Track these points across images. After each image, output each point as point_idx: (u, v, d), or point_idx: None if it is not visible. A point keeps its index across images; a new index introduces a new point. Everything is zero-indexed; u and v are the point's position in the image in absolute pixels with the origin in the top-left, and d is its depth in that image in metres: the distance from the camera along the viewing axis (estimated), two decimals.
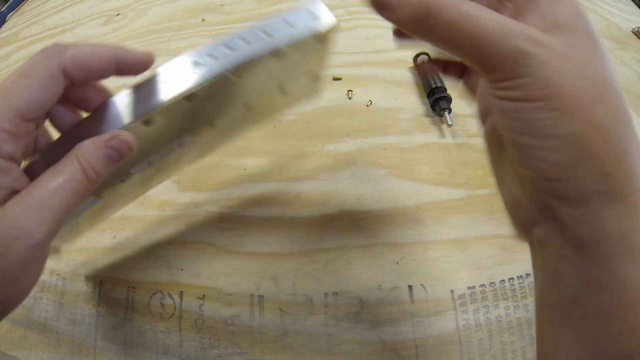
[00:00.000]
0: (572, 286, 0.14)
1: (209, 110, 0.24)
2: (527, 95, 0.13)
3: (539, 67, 0.13)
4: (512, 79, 0.13)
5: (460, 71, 0.21)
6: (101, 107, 0.19)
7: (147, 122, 0.19)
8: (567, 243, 0.14)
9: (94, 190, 0.18)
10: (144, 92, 0.19)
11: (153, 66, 0.20)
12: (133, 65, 0.19)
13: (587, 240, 0.14)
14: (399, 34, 0.20)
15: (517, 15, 0.15)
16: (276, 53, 0.21)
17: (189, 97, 0.20)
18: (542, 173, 0.14)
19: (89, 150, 0.17)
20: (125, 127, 0.19)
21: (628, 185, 0.13)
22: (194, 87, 0.19)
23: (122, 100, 0.19)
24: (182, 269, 0.32)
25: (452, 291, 0.31)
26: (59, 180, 0.16)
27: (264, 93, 0.26)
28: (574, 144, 0.13)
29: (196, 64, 0.20)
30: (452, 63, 0.21)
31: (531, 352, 0.30)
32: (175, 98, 0.19)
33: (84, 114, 0.20)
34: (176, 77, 0.19)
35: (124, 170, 0.22)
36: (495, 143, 0.18)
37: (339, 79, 0.42)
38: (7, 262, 0.15)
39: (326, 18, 0.21)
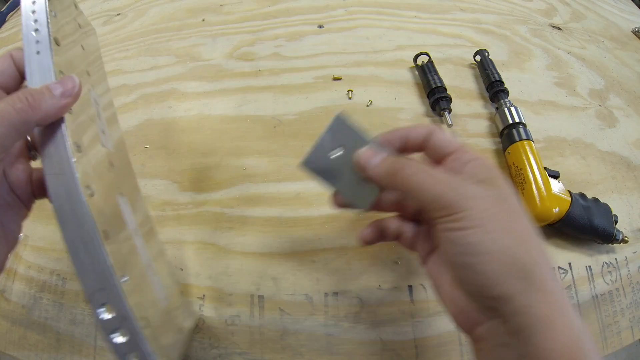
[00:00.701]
0: None
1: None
2: (468, 225, 0.19)
3: (475, 205, 0.19)
4: (456, 214, 0.19)
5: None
6: None
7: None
8: (507, 333, 0.18)
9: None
10: None
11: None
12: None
13: (522, 327, 0.18)
14: (337, 203, 0.26)
15: (453, 174, 0.21)
16: None
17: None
18: (484, 282, 0.19)
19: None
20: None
21: (544, 278, 0.18)
22: None
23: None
24: (182, 269, 0.32)
25: None
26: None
27: None
28: (505, 254, 0.18)
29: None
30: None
31: None
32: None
33: None
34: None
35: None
36: (439, 274, 0.22)
37: (339, 79, 0.42)
38: None
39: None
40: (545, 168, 0.35)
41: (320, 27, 0.48)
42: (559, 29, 0.53)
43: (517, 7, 0.55)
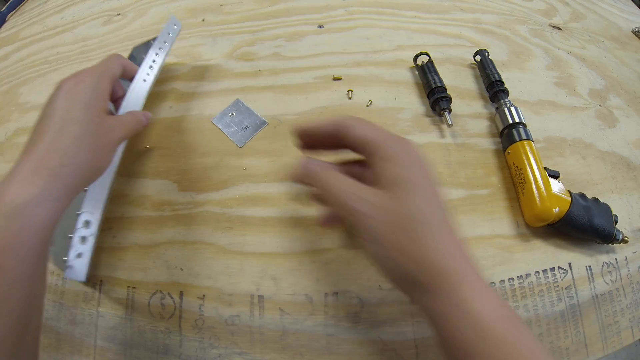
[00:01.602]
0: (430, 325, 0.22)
1: None
2: (365, 238, 0.22)
3: (369, 221, 0.21)
4: (357, 228, 0.22)
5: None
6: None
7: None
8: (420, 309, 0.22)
9: None
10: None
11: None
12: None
13: (429, 320, 0.21)
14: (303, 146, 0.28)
15: (374, 177, 0.23)
16: None
17: None
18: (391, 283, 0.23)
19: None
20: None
21: (432, 281, 0.20)
22: None
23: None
24: (182, 269, 0.32)
25: None
26: (131, 117, 0.32)
27: None
28: (396, 267, 0.21)
29: None
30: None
31: None
32: None
33: None
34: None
35: None
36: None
37: (339, 79, 0.42)
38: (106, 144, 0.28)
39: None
40: (545, 168, 0.35)
41: (320, 27, 0.48)
42: (559, 29, 0.53)
43: (517, 7, 0.55)
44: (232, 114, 0.40)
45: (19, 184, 0.22)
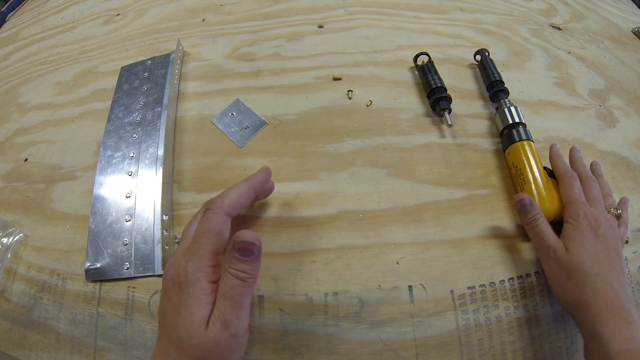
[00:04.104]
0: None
1: None
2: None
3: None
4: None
5: None
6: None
7: None
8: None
9: None
10: None
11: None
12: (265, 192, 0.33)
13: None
14: None
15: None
16: None
17: None
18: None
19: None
20: None
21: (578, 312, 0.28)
22: None
23: None
24: None
25: (452, 291, 0.31)
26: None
27: None
28: (571, 304, 0.28)
29: None
30: None
31: (531, 352, 0.30)
32: None
33: None
34: None
35: None
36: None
37: (339, 79, 0.42)
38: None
39: None
40: (545, 168, 0.35)
41: (320, 27, 0.48)
42: (559, 29, 0.53)
43: (517, 7, 0.55)
44: (232, 114, 0.40)
45: None
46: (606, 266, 0.28)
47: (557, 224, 0.33)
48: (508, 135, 0.37)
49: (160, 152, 0.35)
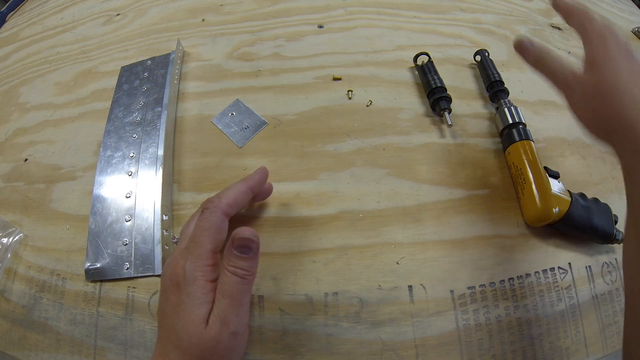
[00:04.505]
0: None
1: None
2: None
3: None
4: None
5: None
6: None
7: None
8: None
9: None
10: None
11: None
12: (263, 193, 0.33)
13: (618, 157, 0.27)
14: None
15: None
16: None
17: None
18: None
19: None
20: None
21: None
22: None
23: None
24: None
25: (452, 291, 0.31)
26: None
27: None
28: (608, 130, 0.27)
29: None
30: None
31: (531, 352, 0.30)
32: None
33: None
34: None
35: None
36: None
37: (339, 79, 0.42)
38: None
39: None
40: (545, 168, 0.35)
41: (320, 27, 0.48)
42: (559, 29, 0.53)
43: (517, 7, 0.55)
44: (232, 114, 0.40)
45: None
46: (638, 78, 0.25)
47: (558, 225, 0.33)
48: (508, 135, 0.37)
49: (160, 152, 0.35)
